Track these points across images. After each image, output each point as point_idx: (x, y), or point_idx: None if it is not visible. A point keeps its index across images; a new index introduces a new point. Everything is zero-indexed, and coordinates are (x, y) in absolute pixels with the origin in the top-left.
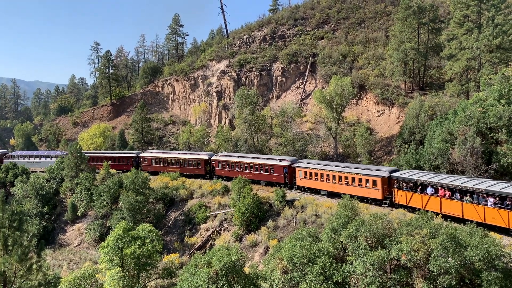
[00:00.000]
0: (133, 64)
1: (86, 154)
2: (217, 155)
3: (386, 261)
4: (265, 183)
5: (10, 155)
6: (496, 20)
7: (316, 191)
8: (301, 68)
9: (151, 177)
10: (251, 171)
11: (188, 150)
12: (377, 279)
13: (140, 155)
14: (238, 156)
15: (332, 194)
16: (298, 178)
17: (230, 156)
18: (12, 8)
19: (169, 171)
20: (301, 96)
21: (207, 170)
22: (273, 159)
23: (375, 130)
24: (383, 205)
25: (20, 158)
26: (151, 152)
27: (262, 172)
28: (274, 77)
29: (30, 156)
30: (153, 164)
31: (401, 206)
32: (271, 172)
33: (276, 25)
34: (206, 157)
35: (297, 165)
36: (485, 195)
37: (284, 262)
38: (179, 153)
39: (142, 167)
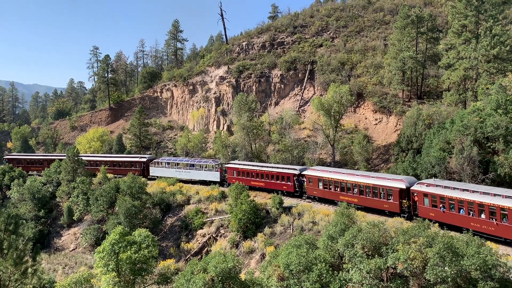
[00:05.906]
0: (132, 69)
1: (232, 166)
2: (421, 183)
3: (383, 270)
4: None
5: (156, 162)
6: (494, 31)
7: None
8: (299, 75)
9: (148, 182)
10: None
11: (186, 156)
12: None
13: (304, 173)
14: (453, 188)
15: None
16: None
17: (442, 186)
18: (11, 11)
19: (343, 200)
20: (299, 103)
21: (404, 205)
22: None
23: (372, 138)
24: None
25: (167, 166)
26: (319, 171)
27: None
28: (272, 84)
29: (177, 164)
30: (321, 188)
31: None
32: None
33: (275, 32)
34: (402, 185)
35: None
36: None
37: (280, 269)
38: (361, 175)
39: (307, 189)
